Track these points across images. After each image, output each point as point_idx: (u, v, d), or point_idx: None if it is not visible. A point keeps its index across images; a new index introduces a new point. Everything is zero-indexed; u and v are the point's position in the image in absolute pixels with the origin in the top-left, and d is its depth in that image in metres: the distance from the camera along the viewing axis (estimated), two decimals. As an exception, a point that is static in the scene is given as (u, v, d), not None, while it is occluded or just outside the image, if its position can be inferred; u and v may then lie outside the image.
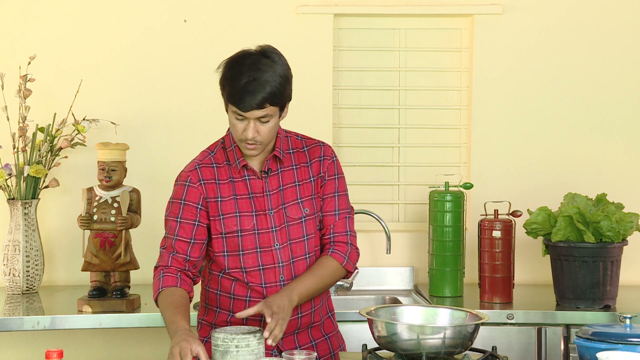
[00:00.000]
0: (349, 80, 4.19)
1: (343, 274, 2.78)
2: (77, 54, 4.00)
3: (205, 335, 2.79)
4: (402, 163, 4.20)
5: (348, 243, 2.77)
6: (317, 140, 2.81)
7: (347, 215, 2.78)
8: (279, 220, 2.70)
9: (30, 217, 3.76)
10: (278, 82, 2.58)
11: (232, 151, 2.71)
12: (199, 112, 4.02)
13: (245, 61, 2.59)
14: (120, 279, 3.55)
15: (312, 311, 2.77)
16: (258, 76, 2.56)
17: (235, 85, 2.56)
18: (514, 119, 4.11)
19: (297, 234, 2.72)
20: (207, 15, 4.04)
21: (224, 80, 2.61)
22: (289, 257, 2.71)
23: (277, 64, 2.61)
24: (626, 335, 2.50)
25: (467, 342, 2.53)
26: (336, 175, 2.78)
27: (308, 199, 2.73)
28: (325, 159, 2.76)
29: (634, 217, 3.49)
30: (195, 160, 2.75)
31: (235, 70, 2.58)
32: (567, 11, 4.10)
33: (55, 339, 3.73)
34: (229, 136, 2.74)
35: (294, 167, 2.74)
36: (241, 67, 2.58)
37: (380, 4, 4.10)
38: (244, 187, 2.70)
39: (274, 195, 2.71)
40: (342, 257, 2.75)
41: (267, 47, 2.65)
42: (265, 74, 2.57)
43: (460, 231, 3.80)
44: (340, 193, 2.78)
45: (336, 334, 2.87)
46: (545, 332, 3.46)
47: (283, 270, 2.70)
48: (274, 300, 2.56)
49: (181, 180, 2.71)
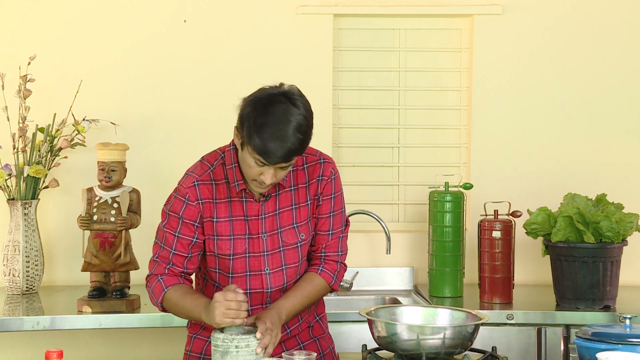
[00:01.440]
0: (349, 81, 4.19)
1: (329, 291, 2.76)
2: (77, 55, 4.00)
3: (194, 332, 2.77)
4: (402, 163, 4.20)
5: (338, 262, 2.75)
6: (317, 156, 2.71)
7: (340, 235, 2.74)
8: (272, 244, 2.66)
9: (30, 218, 3.76)
10: (305, 134, 2.48)
11: (232, 170, 2.63)
12: (199, 113, 4.02)
13: (274, 109, 2.45)
14: (120, 279, 3.55)
15: (300, 322, 2.75)
16: (287, 128, 2.43)
17: (263, 137, 2.42)
18: (514, 119, 4.11)
19: (293, 259, 2.68)
20: (207, 15, 4.04)
21: (250, 125, 2.45)
22: (282, 281, 2.67)
23: (302, 110, 2.48)
24: (626, 335, 2.50)
25: (467, 342, 2.53)
26: (332, 195, 2.70)
27: (304, 224, 2.68)
28: (323, 179, 2.68)
29: (634, 218, 3.49)
30: (193, 174, 2.65)
31: (264, 119, 2.43)
32: (567, 11, 4.10)
33: (55, 339, 3.72)
34: (229, 152, 2.64)
35: (292, 188, 2.67)
36: (270, 115, 2.44)
37: (380, 4, 4.10)
38: (240, 209, 2.64)
39: (269, 219, 2.65)
40: (330, 277, 2.72)
41: (290, 90, 2.51)
42: (293, 124, 2.45)
43: (460, 231, 3.80)
44: (335, 212, 2.72)
45: (325, 336, 2.84)
46: (545, 332, 3.46)
47: (270, 295, 2.67)
48: (267, 316, 2.53)
49: (180, 195, 2.63)
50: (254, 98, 2.50)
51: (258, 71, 3.99)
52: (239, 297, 2.43)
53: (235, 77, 4.00)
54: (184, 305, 2.59)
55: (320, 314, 2.84)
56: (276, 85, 2.53)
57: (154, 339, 3.80)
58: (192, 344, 2.78)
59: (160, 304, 2.65)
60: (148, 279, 2.69)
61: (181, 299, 2.59)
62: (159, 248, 2.67)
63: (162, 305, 2.66)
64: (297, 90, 2.52)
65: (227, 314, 2.42)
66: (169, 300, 2.62)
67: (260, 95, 2.50)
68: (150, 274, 2.68)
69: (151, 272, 2.68)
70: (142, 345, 3.84)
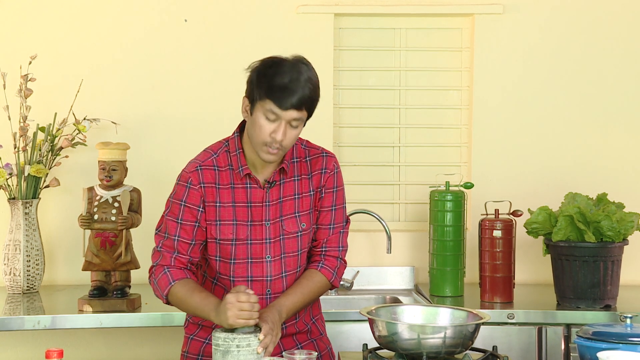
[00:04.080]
0: (350, 80, 4.19)
1: (329, 288, 2.77)
2: (77, 54, 4.00)
3: (191, 333, 2.77)
4: (403, 163, 4.20)
5: (338, 258, 2.76)
6: (320, 149, 2.75)
7: (341, 230, 2.76)
8: (274, 232, 2.67)
9: (30, 217, 3.76)
10: (315, 87, 2.57)
11: (236, 156, 2.66)
12: (200, 112, 4.02)
13: (285, 62, 2.56)
14: (121, 279, 3.55)
15: (296, 321, 2.75)
16: (299, 77, 2.53)
17: (276, 82, 2.52)
18: (515, 119, 4.11)
19: (292, 248, 2.69)
20: (207, 15, 4.04)
21: (261, 77, 2.55)
22: (281, 270, 2.68)
23: (312, 71, 2.59)
24: (627, 334, 2.50)
25: (467, 341, 2.53)
26: (335, 189, 2.73)
27: (306, 214, 2.70)
28: (326, 171, 2.71)
29: (635, 217, 3.49)
30: (196, 160, 2.69)
31: (275, 68, 2.53)
32: (568, 11, 4.10)
33: (55, 338, 3.73)
34: (234, 140, 2.68)
35: (296, 178, 2.70)
36: (281, 66, 2.54)
37: (381, 4, 4.10)
38: (244, 195, 2.66)
39: (273, 207, 2.67)
40: (330, 273, 2.73)
41: (299, 56, 2.61)
42: (304, 75, 2.54)
43: (460, 231, 3.80)
44: (337, 207, 2.74)
45: (322, 337, 2.84)
46: (546, 331, 3.46)
47: (270, 284, 2.68)
48: (268, 315, 2.53)
49: (182, 181, 2.66)
50: (262, 60, 2.59)
51: (259, 70, 3.98)
52: (252, 298, 2.44)
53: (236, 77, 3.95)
54: (192, 302, 2.58)
55: (316, 315, 2.84)
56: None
57: (155, 339, 3.80)
58: (189, 345, 2.78)
59: (166, 296, 2.64)
60: (153, 270, 2.67)
61: (189, 295, 2.59)
62: (162, 238, 2.67)
63: (167, 298, 2.64)
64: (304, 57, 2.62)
65: (241, 315, 2.43)
66: (175, 294, 2.61)
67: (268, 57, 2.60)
68: (156, 264, 2.66)
69: (156, 263, 2.66)
70: (143, 344, 3.84)
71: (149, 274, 2.69)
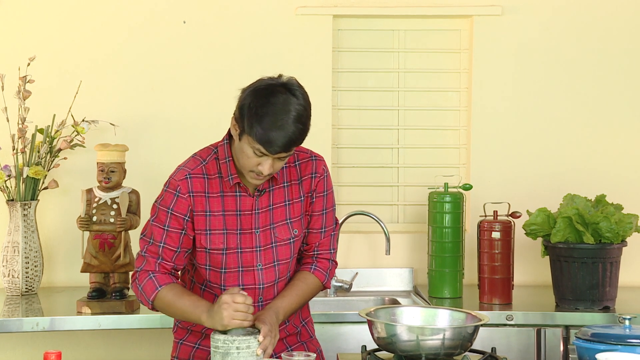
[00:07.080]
0: (349, 82, 4.19)
1: (321, 289, 2.77)
2: (76, 55, 4.00)
3: (180, 337, 2.76)
4: (402, 164, 4.20)
5: (330, 260, 2.76)
6: (309, 153, 2.73)
7: (332, 232, 2.76)
8: (264, 240, 2.65)
9: (29, 219, 3.76)
10: (305, 123, 2.51)
11: (226, 164, 2.63)
12: (198, 113, 4.02)
13: (275, 100, 2.47)
14: (120, 280, 3.55)
15: (286, 325, 2.75)
16: (288, 118, 2.46)
17: (264, 126, 2.45)
18: (514, 120, 4.11)
19: (285, 255, 2.68)
20: (207, 16, 4.04)
21: (252, 115, 2.47)
22: (274, 277, 2.67)
23: (302, 100, 2.51)
24: (625, 336, 2.50)
25: (466, 343, 2.53)
26: (325, 192, 2.72)
27: (297, 220, 2.69)
28: (316, 176, 2.70)
29: (633, 218, 3.49)
30: (185, 167, 2.64)
31: (265, 109, 2.46)
32: (567, 12, 4.11)
33: (54, 340, 3.72)
34: (223, 147, 2.65)
35: (285, 184, 2.68)
36: (272, 105, 2.47)
37: (380, 5, 4.10)
38: (233, 204, 2.63)
39: (262, 214, 2.65)
40: (323, 275, 2.74)
41: (290, 81, 2.54)
42: (293, 113, 2.47)
43: (459, 232, 3.80)
44: (327, 210, 2.74)
45: (312, 340, 2.84)
46: (545, 333, 3.47)
47: (263, 292, 2.67)
48: (266, 317, 2.53)
49: (171, 188, 2.62)
50: (254, 88, 2.53)
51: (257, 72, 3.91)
52: (248, 300, 2.45)
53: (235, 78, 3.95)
54: (181, 306, 2.57)
55: (305, 318, 2.84)
56: (275, 77, 2.56)
57: (153, 340, 3.80)
58: (179, 350, 2.77)
59: (152, 302, 2.61)
60: (137, 276, 2.63)
61: (177, 299, 2.57)
62: (146, 243, 2.63)
63: (153, 303, 2.61)
64: (295, 81, 2.56)
65: (236, 316, 2.43)
66: (162, 299, 2.59)
67: (260, 85, 2.53)
68: (140, 269, 2.62)
69: (140, 268, 2.62)
70: (142, 346, 3.84)
71: (132, 279, 2.66)
